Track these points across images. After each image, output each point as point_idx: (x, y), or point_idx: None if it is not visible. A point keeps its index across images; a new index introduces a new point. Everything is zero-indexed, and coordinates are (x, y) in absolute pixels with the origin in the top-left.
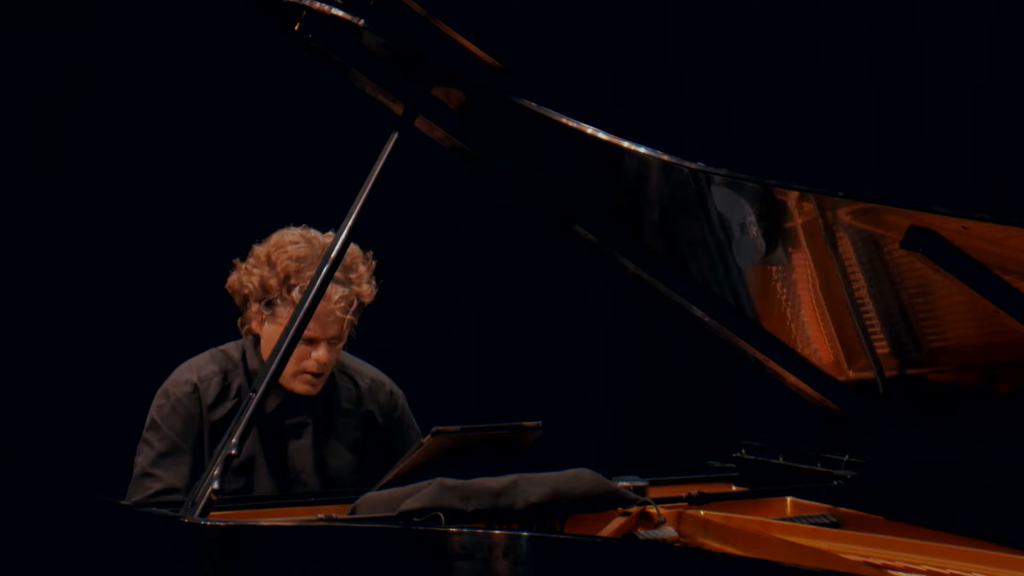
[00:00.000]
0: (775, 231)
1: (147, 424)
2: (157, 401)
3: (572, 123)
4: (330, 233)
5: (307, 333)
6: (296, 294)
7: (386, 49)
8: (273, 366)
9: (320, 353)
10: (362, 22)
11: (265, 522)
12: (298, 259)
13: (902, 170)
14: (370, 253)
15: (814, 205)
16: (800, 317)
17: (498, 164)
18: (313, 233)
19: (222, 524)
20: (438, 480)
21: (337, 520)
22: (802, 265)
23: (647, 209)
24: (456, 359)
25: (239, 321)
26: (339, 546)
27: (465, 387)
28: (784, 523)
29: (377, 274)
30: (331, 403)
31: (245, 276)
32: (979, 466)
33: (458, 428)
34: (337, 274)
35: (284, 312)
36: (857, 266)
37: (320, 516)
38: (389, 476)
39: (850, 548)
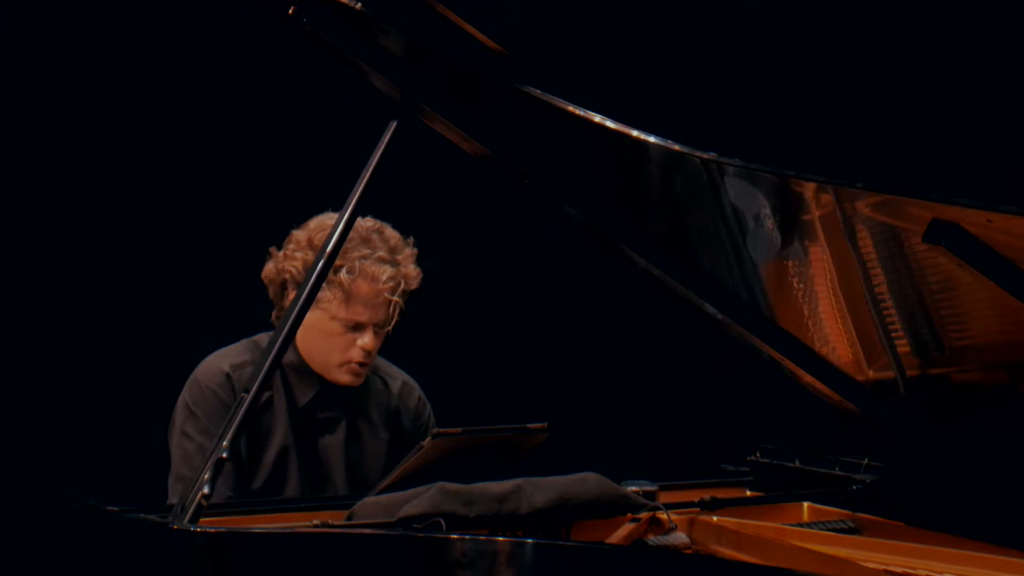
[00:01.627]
0: (791, 224)
1: (180, 417)
2: (189, 391)
3: (578, 111)
4: (371, 218)
5: (354, 317)
6: (344, 275)
7: (384, 34)
8: (267, 364)
9: (367, 340)
10: (359, 5)
11: (258, 528)
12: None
13: (924, 160)
14: (411, 238)
15: (832, 197)
16: (817, 314)
17: (502, 154)
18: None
19: (212, 531)
20: (438, 485)
21: (333, 526)
22: (819, 260)
23: (657, 202)
24: (458, 358)
25: (273, 314)
26: (335, 554)
27: (467, 387)
28: (800, 529)
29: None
30: (363, 400)
31: (286, 262)
32: (1004, 470)
33: (459, 430)
34: (383, 254)
35: (329, 295)
36: (877, 261)
37: (315, 522)
38: (387, 480)
39: (870, 555)
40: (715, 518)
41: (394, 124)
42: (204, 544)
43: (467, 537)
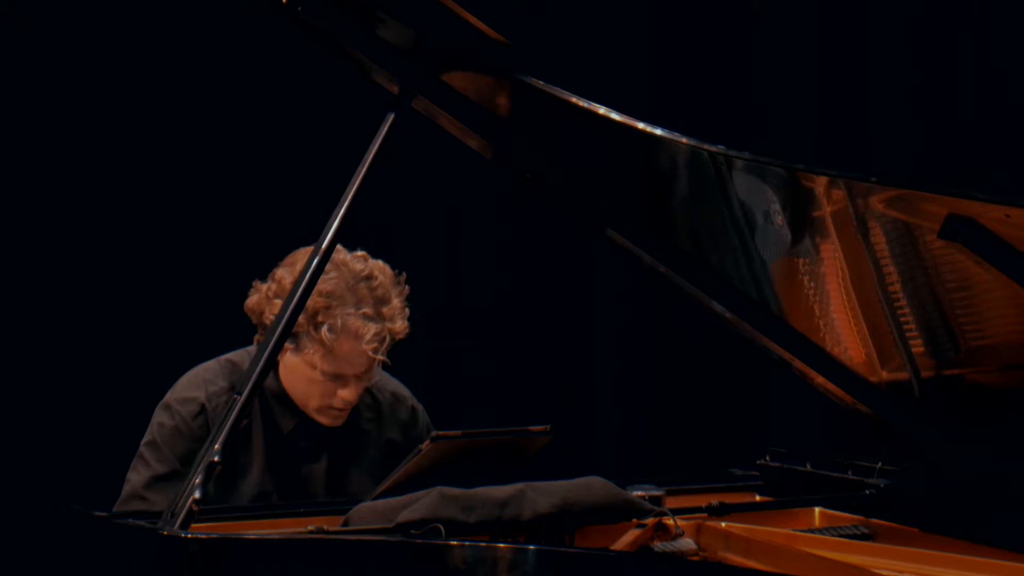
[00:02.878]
0: (802, 220)
1: (146, 439)
2: (159, 417)
3: (582, 103)
4: (362, 255)
5: (336, 371)
6: (325, 332)
7: (381, 24)
8: (260, 367)
9: (348, 392)
10: None
11: (251, 534)
12: (328, 295)
13: (939, 153)
14: (403, 276)
15: (844, 192)
16: (829, 313)
17: (503, 147)
18: (343, 257)
19: (204, 536)
20: (437, 489)
21: (328, 532)
22: (831, 257)
23: (663, 196)
24: (458, 359)
25: (256, 337)
26: (330, 560)
27: (467, 389)
28: (812, 535)
29: (409, 300)
30: (348, 423)
31: (267, 305)
32: (1022, 474)
33: (459, 433)
34: (368, 310)
35: (311, 348)
36: (891, 258)
37: (310, 528)
38: (385, 485)
39: (883, 562)
40: (723, 524)
41: (392, 117)
42: (195, 551)
43: (467, 544)
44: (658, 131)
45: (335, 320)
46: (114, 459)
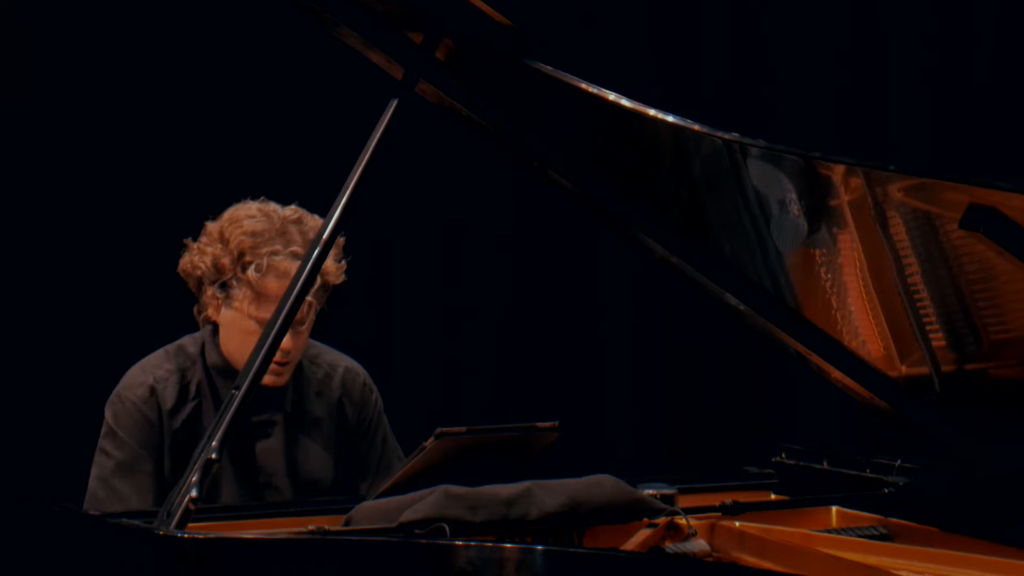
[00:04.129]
0: (819, 209)
1: (102, 432)
2: (111, 408)
3: (592, 89)
4: (293, 207)
5: (266, 316)
6: (252, 272)
7: (384, 5)
8: (259, 359)
9: (285, 339)
10: None
11: (249, 534)
12: (253, 234)
13: (960, 141)
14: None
15: (862, 180)
16: (847, 306)
17: (510, 135)
18: (272, 206)
19: (201, 537)
20: (442, 488)
21: (330, 532)
22: (849, 248)
23: (675, 186)
24: (463, 352)
25: (195, 309)
26: (331, 562)
27: (473, 383)
28: (829, 535)
29: (347, 250)
30: (300, 396)
31: (197, 256)
32: None
33: (464, 429)
34: (296, 248)
35: (240, 294)
36: (910, 249)
37: (311, 528)
38: (388, 483)
39: (902, 563)
40: (737, 523)
41: (395, 102)
42: (191, 551)
43: (472, 544)
44: (670, 118)
45: (261, 260)
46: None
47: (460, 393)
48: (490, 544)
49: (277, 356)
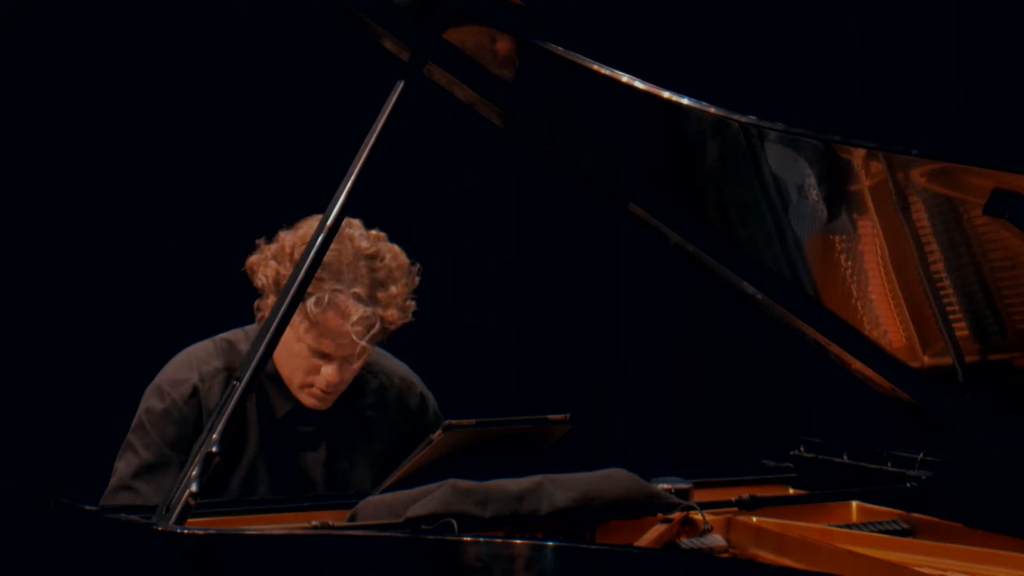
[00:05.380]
0: (838, 195)
1: (134, 425)
2: (148, 401)
3: (604, 70)
4: (374, 234)
5: (317, 345)
6: (311, 304)
7: None
8: (261, 350)
9: (330, 371)
10: None
11: (251, 530)
12: (322, 267)
13: (985, 124)
14: (416, 266)
15: (883, 165)
16: (867, 294)
17: (520, 118)
18: (351, 230)
19: (201, 532)
20: (450, 482)
21: (334, 528)
22: (869, 234)
23: (690, 170)
24: (472, 342)
25: (255, 304)
26: (336, 558)
27: (482, 375)
28: (849, 531)
29: (417, 289)
30: (351, 409)
31: (262, 265)
32: None
33: (473, 422)
34: (360, 290)
35: (298, 319)
36: (933, 235)
37: (314, 523)
38: (394, 477)
39: (925, 560)
40: (755, 519)
41: (401, 84)
42: (192, 547)
43: (481, 540)
44: (685, 100)
45: (323, 294)
46: (103, 449)
47: (469, 384)
48: (499, 540)
49: (322, 385)
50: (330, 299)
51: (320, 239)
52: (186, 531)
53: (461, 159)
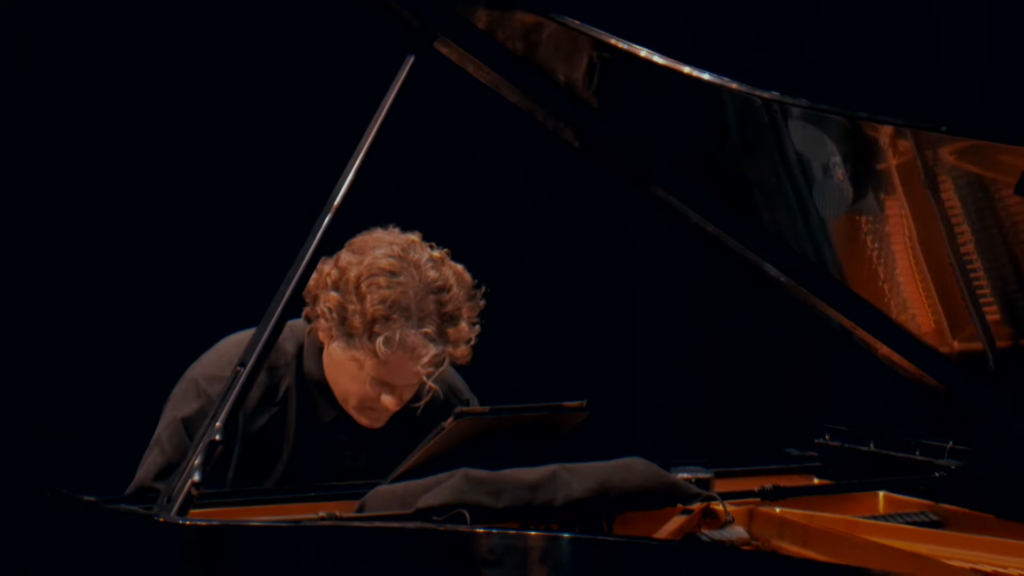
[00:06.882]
0: (865, 174)
1: (164, 420)
2: (182, 396)
3: (622, 44)
4: (441, 252)
5: (383, 379)
6: (380, 345)
7: None
8: (267, 333)
9: (390, 400)
10: None
11: (255, 521)
12: (392, 305)
13: (1016, 101)
14: (480, 290)
15: (911, 143)
16: (894, 276)
17: (534, 92)
18: (415, 257)
19: (204, 524)
20: (462, 471)
21: (342, 519)
22: (896, 215)
23: (711, 148)
24: (485, 328)
25: (305, 312)
26: (344, 549)
27: (495, 361)
28: (875, 522)
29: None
30: (397, 418)
31: (323, 292)
32: None
33: (486, 409)
34: (430, 330)
35: (361, 354)
36: (963, 215)
37: (321, 514)
38: (404, 466)
39: (954, 552)
40: (778, 509)
41: (411, 59)
42: (194, 539)
43: (494, 531)
44: (706, 76)
45: (393, 334)
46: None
47: (482, 371)
48: (513, 532)
49: (380, 408)
50: (400, 339)
51: (324, 223)
52: (188, 522)
53: (475, 140)
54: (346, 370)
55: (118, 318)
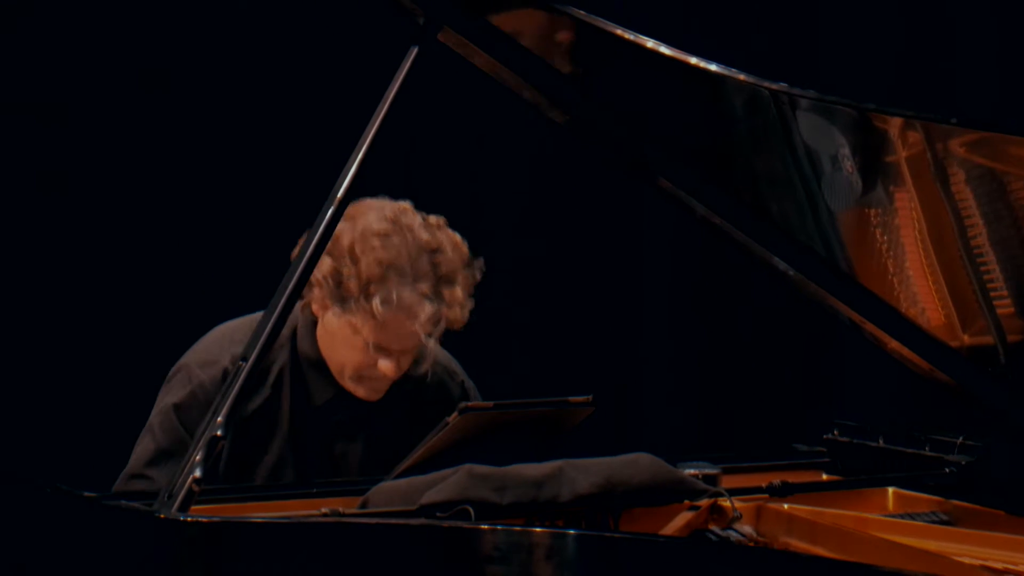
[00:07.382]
0: (874, 166)
1: (156, 408)
2: (174, 382)
3: (628, 35)
4: (437, 219)
5: (380, 343)
6: (377, 304)
7: None
8: (271, 324)
9: (388, 365)
10: None
11: (257, 517)
12: (387, 265)
13: None
14: (479, 260)
15: (921, 134)
16: (904, 270)
17: (539, 84)
18: (408, 221)
19: (205, 520)
20: (466, 467)
21: (344, 515)
22: (906, 207)
23: (718, 139)
24: (489, 322)
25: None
26: (346, 546)
27: (500, 355)
28: (885, 519)
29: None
30: (391, 397)
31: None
32: None
33: (491, 404)
34: (426, 288)
35: (359, 318)
36: (973, 208)
37: (324, 510)
38: (407, 462)
39: (965, 549)
40: (786, 506)
41: (415, 50)
42: (195, 536)
43: (499, 528)
44: (713, 67)
45: (389, 292)
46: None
47: (486, 366)
48: (518, 528)
49: (377, 376)
50: (398, 297)
51: (329, 213)
52: (189, 518)
53: (480, 133)
54: (342, 338)
55: (116, 313)
